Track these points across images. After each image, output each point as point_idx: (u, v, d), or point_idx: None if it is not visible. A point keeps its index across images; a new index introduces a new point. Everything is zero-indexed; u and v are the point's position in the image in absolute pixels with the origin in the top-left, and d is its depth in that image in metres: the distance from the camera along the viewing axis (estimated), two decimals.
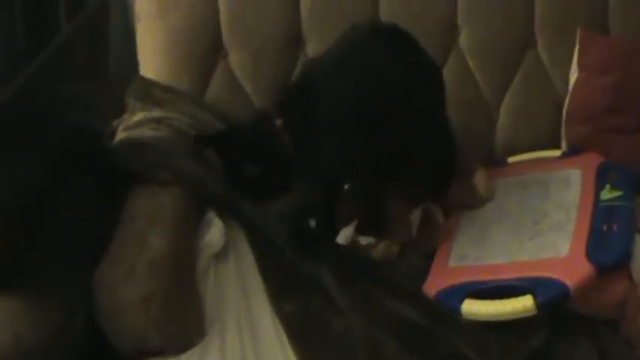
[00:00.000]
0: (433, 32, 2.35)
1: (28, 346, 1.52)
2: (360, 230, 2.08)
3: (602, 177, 2.07)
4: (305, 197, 1.99)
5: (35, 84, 1.63)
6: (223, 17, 2.32)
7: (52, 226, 1.65)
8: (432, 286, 1.89)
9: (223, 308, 1.86)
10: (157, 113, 2.07)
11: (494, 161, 2.34)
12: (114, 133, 2.02)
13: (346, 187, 2.02)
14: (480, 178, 2.12)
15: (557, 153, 2.30)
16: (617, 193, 1.99)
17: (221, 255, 1.93)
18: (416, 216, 2.08)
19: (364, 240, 2.07)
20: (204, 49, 2.33)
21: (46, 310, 1.58)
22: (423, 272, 1.96)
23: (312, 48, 2.36)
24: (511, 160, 2.34)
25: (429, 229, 2.07)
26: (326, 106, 1.85)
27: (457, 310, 1.79)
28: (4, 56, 1.62)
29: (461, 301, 1.80)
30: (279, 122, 1.85)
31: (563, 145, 2.33)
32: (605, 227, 1.88)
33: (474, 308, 1.78)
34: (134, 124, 2.03)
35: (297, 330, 1.81)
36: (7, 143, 1.52)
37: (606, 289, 1.81)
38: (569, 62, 2.34)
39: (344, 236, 2.07)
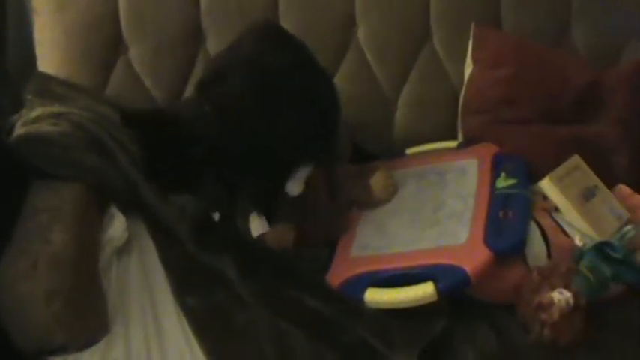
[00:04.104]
0: (332, 27, 2.36)
1: None
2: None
3: (497, 166, 2.09)
4: (208, 191, 1.97)
5: None
6: (123, 11, 2.29)
7: None
8: (336, 276, 1.89)
9: (127, 303, 1.84)
10: (56, 108, 2.02)
11: (394, 153, 2.35)
12: (12, 129, 1.97)
13: None
14: (378, 179, 2.10)
15: (453, 144, 2.31)
16: (511, 182, 2.01)
17: (124, 249, 1.91)
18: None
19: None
20: (104, 44, 2.30)
21: None
22: (326, 262, 1.96)
23: (212, 43, 2.34)
24: (410, 151, 2.35)
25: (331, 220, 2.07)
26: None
27: (361, 299, 1.79)
28: None
29: (364, 289, 1.80)
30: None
31: (460, 136, 2.35)
32: (501, 214, 1.90)
33: (377, 296, 1.79)
34: (33, 119, 1.98)
35: (202, 324, 1.78)
36: None
37: (503, 275, 1.84)
38: (465, 55, 2.37)
39: (255, 229, 2.05)
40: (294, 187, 2.02)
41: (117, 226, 1.90)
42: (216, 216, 1.98)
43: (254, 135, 1.78)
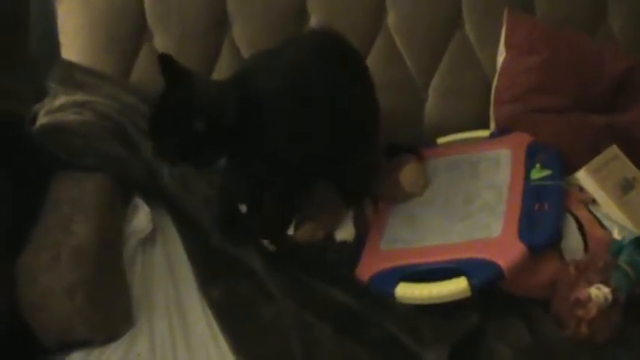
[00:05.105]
0: (361, 13, 2.35)
1: None
2: None
3: (531, 157, 2.06)
4: (233, 182, 1.96)
5: None
6: None
7: None
8: (365, 271, 1.87)
9: (151, 295, 1.83)
10: (79, 97, 2.05)
11: (424, 143, 2.32)
12: (35, 117, 1.96)
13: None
14: (408, 172, 2.09)
15: (485, 133, 2.30)
16: (546, 172, 1.98)
17: (148, 241, 1.92)
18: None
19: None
20: (129, 31, 2.29)
21: None
22: (355, 256, 1.94)
23: (238, 30, 2.33)
24: (440, 140, 2.34)
25: (359, 223, 2.05)
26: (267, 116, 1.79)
27: (391, 294, 1.77)
28: None
29: (394, 284, 1.78)
30: None
31: (492, 125, 2.33)
32: (536, 207, 1.88)
33: (407, 292, 1.77)
34: (56, 108, 2.01)
35: (227, 315, 1.77)
36: None
37: (537, 269, 1.81)
38: (497, 42, 2.35)
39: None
40: (344, 232, 2.02)
41: (141, 217, 1.91)
42: (243, 207, 1.96)
43: (276, 137, 1.78)
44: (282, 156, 1.82)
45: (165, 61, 1.67)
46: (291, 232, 2.00)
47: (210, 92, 1.70)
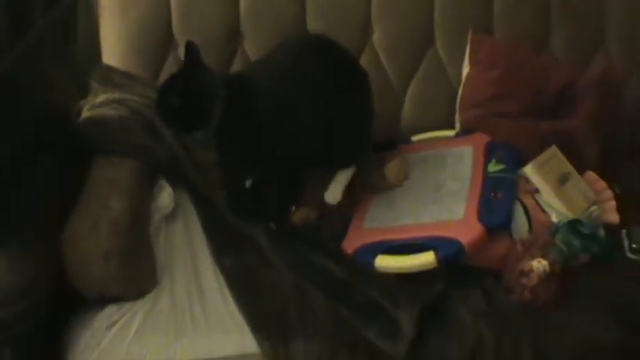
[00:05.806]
0: (351, 31, 2.36)
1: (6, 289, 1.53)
2: None
3: (489, 153, 2.08)
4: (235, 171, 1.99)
5: (14, 71, 1.60)
6: (174, 15, 2.29)
7: (21, 194, 1.62)
8: (350, 245, 1.90)
9: (173, 262, 1.86)
10: (116, 95, 2.05)
11: (401, 140, 2.32)
12: (80, 111, 1.99)
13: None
14: (393, 166, 2.09)
15: (452, 133, 2.30)
16: (501, 166, 2.01)
17: (171, 217, 1.93)
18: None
19: None
20: (158, 42, 2.30)
21: (20, 262, 1.56)
22: (341, 233, 1.96)
23: (249, 43, 2.33)
24: (414, 138, 2.34)
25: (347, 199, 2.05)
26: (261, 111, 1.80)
27: (371, 265, 1.82)
28: None
29: (374, 256, 1.82)
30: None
31: (457, 126, 2.34)
32: (492, 195, 1.91)
33: (385, 262, 1.81)
34: (97, 104, 2.01)
35: (236, 281, 1.81)
36: None
37: (492, 246, 1.85)
38: (463, 58, 2.37)
39: None
40: (332, 195, 2.01)
41: (164, 196, 1.92)
42: (248, 183, 1.97)
43: (274, 137, 1.81)
44: (279, 155, 1.84)
45: (190, 47, 1.73)
46: None
47: (206, 79, 1.73)
